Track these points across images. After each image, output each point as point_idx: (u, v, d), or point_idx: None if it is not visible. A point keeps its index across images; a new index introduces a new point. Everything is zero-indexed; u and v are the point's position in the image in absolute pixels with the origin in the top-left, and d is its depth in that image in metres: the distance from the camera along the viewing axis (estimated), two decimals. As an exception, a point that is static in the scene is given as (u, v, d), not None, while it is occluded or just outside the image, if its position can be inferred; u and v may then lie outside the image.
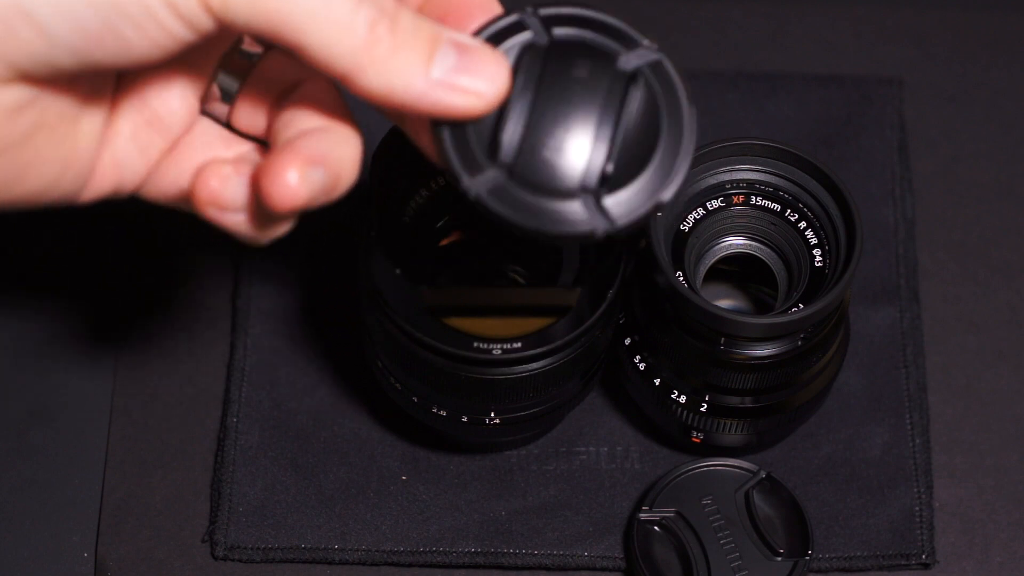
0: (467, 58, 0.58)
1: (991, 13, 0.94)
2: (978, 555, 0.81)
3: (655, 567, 0.78)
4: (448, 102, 0.58)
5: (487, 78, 0.59)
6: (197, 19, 0.56)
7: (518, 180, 0.59)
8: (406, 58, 0.57)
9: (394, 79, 0.57)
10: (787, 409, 0.77)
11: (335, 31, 0.56)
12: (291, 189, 0.59)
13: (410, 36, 0.58)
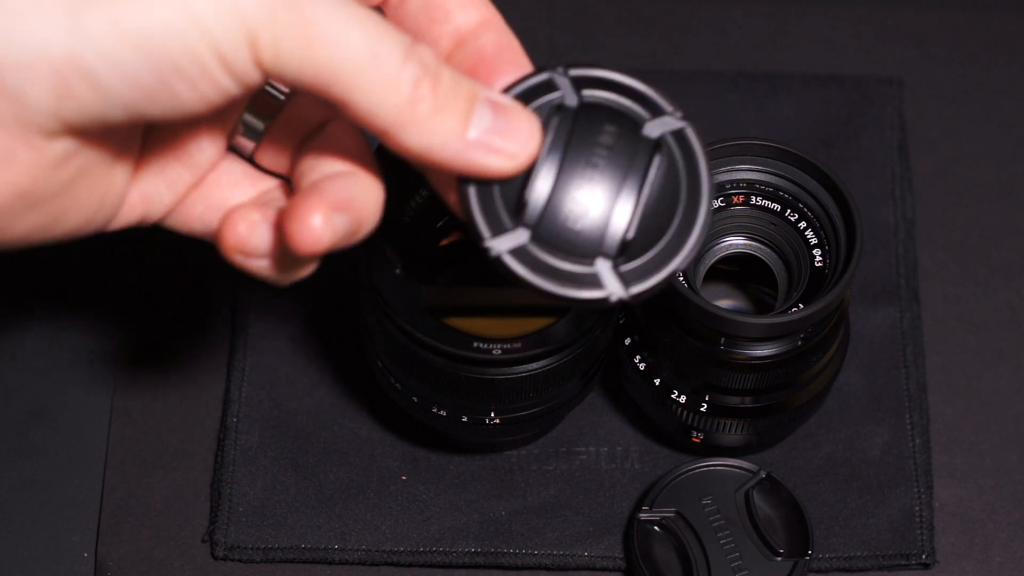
0: (502, 119, 0.59)
1: (991, 13, 0.94)
2: (978, 555, 0.81)
3: (655, 567, 0.78)
4: (482, 163, 0.59)
5: (520, 141, 0.59)
6: (248, 75, 0.56)
7: (540, 241, 0.60)
8: (446, 119, 0.58)
9: (433, 139, 0.58)
10: (787, 409, 0.77)
11: (381, 89, 0.56)
12: (315, 233, 0.59)
13: (451, 95, 0.58)
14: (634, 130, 0.60)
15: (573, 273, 0.60)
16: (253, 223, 0.61)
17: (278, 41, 0.55)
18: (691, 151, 0.61)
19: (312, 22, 0.55)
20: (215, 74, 0.56)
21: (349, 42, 0.56)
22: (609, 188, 0.60)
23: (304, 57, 0.56)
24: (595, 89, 0.61)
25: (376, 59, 0.56)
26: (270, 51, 0.55)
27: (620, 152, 0.60)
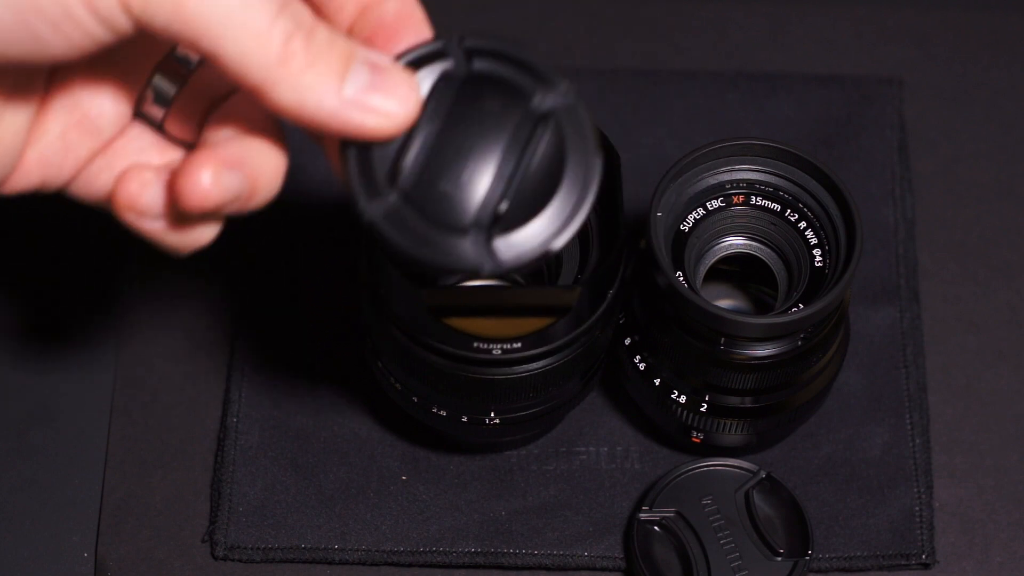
0: (379, 78, 0.58)
1: (991, 13, 0.94)
2: (978, 555, 0.81)
3: (655, 567, 0.78)
4: (358, 121, 0.58)
5: (398, 99, 0.58)
6: (116, 20, 0.56)
7: (414, 207, 0.59)
8: (319, 74, 0.57)
9: (306, 95, 0.57)
10: (787, 409, 0.77)
11: (251, 42, 0.56)
12: (203, 187, 0.58)
13: (325, 52, 0.57)
14: (521, 103, 0.59)
15: (445, 242, 0.59)
16: (146, 181, 0.60)
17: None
18: (582, 128, 0.59)
19: None
20: (79, 17, 0.55)
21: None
22: (487, 158, 0.59)
23: (173, 5, 0.55)
24: (488, 60, 0.60)
25: (246, 10, 0.56)
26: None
27: (503, 123, 0.59)
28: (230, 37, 0.56)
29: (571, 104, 0.60)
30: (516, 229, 0.59)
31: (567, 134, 0.59)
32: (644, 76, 0.91)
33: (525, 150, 0.59)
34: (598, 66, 0.91)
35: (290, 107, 0.57)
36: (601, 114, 0.79)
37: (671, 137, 0.89)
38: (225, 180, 0.59)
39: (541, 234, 0.59)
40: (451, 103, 0.59)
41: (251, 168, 0.60)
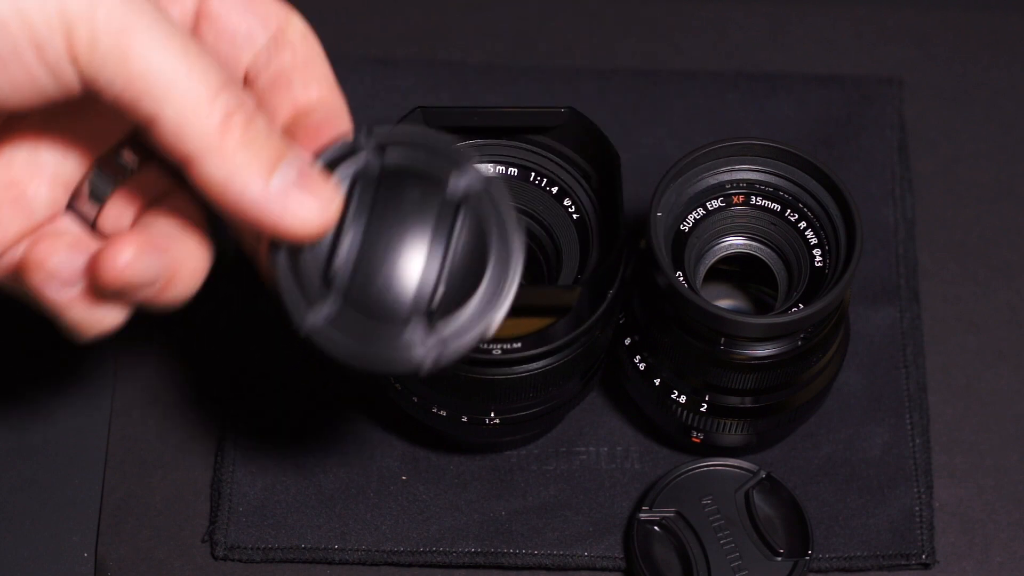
0: (306, 179, 0.59)
1: (991, 13, 0.94)
2: (978, 555, 0.81)
3: (655, 567, 0.78)
4: (277, 215, 0.58)
5: (322, 201, 0.59)
6: (62, 70, 0.56)
7: (354, 308, 0.60)
8: (251, 157, 0.58)
9: (235, 175, 0.57)
10: (787, 409, 0.77)
11: (192, 109, 0.56)
12: (121, 263, 0.59)
13: (261, 139, 0.58)
14: (438, 189, 0.61)
15: (388, 335, 0.60)
16: (59, 247, 0.61)
17: (95, 38, 0.55)
18: (498, 206, 0.61)
19: (133, 27, 0.56)
20: (28, 60, 0.55)
21: (167, 54, 0.56)
22: (416, 251, 0.60)
23: (120, 60, 0.56)
24: (400, 149, 0.61)
25: (192, 77, 0.56)
26: (86, 46, 0.55)
27: (425, 212, 0.60)
28: (172, 101, 0.56)
29: (484, 185, 0.61)
30: (455, 311, 0.60)
31: (485, 214, 0.61)
32: (644, 76, 0.91)
33: (450, 236, 0.60)
34: (598, 66, 0.91)
35: (216, 183, 0.57)
36: (601, 114, 0.78)
37: (671, 137, 0.89)
38: (145, 261, 0.60)
39: (478, 312, 0.61)
40: (371, 201, 0.60)
41: (173, 259, 0.61)
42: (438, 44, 0.92)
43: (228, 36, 0.62)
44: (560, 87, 0.90)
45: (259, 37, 0.63)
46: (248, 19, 0.62)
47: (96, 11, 0.55)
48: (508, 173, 0.76)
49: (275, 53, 0.62)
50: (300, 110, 0.62)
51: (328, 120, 0.62)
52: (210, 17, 0.62)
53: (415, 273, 0.60)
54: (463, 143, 0.75)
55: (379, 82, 0.89)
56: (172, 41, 0.56)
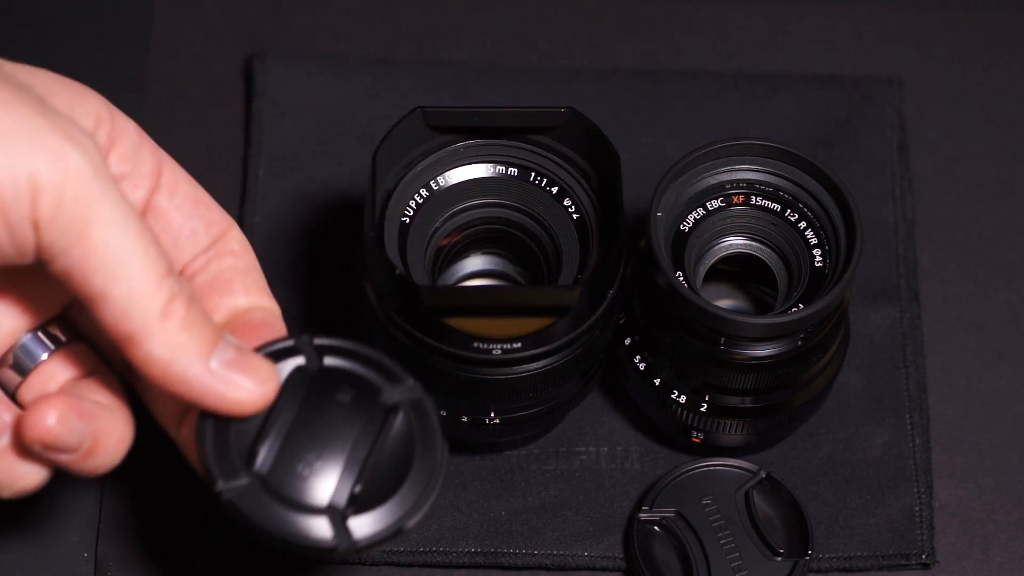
0: (243, 358, 0.61)
1: (991, 13, 0.94)
2: (978, 555, 0.81)
3: (655, 567, 0.78)
4: (218, 392, 0.61)
5: (259, 379, 0.62)
6: (22, 234, 0.57)
7: (270, 491, 0.62)
8: (192, 338, 0.60)
9: (177, 354, 0.60)
10: (787, 409, 0.77)
11: (140, 290, 0.58)
12: (47, 421, 0.60)
13: (199, 322, 0.60)
14: (370, 395, 0.63)
15: (301, 523, 0.62)
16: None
17: (61, 207, 0.57)
18: (428, 419, 0.63)
19: (99, 202, 0.57)
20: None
21: (127, 234, 0.58)
22: (341, 445, 0.62)
23: (81, 232, 0.57)
24: (338, 357, 0.64)
25: (146, 259, 0.58)
26: (49, 213, 0.57)
27: (355, 412, 0.63)
28: (122, 280, 0.58)
29: (417, 398, 0.64)
30: (370, 510, 0.62)
31: (414, 425, 0.63)
32: (644, 76, 0.91)
33: (377, 438, 0.62)
34: (598, 66, 0.91)
35: (158, 362, 0.59)
36: (601, 114, 0.78)
37: (671, 137, 0.89)
38: (71, 424, 0.61)
39: (395, 513, 0.62)
40: (305, 393, 0.63)
41: (98, 427, 0.62)
42: (438, 44, 0.92)
43: (172, 233, 0.65)
44: (560, 87, 0.90)
45: (202, 239, 0.65)
46: (193, 221, 0.65)
47: (66, 181, 0.57)
48: (508, 173, 0.76)
49: (214, 257, 0.65)
50: (237, 313, 0.65)
51: (268, 323, 0.65)
52: (157, 212, 0.64)
53: (336, 467, 0.62)
54: (463, 143, 0.75)
55: (379, 82, 0.89)
56: (131, 223, 0.58)
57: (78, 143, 0.57)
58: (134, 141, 0.63)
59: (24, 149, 0.56)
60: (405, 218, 0.74)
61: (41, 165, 0.56)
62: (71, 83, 0.62)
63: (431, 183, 0.75)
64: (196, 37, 0.91)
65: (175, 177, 0.65)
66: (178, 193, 0.65)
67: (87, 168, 0.57)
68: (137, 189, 0.63)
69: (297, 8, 0.92)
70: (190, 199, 0.65)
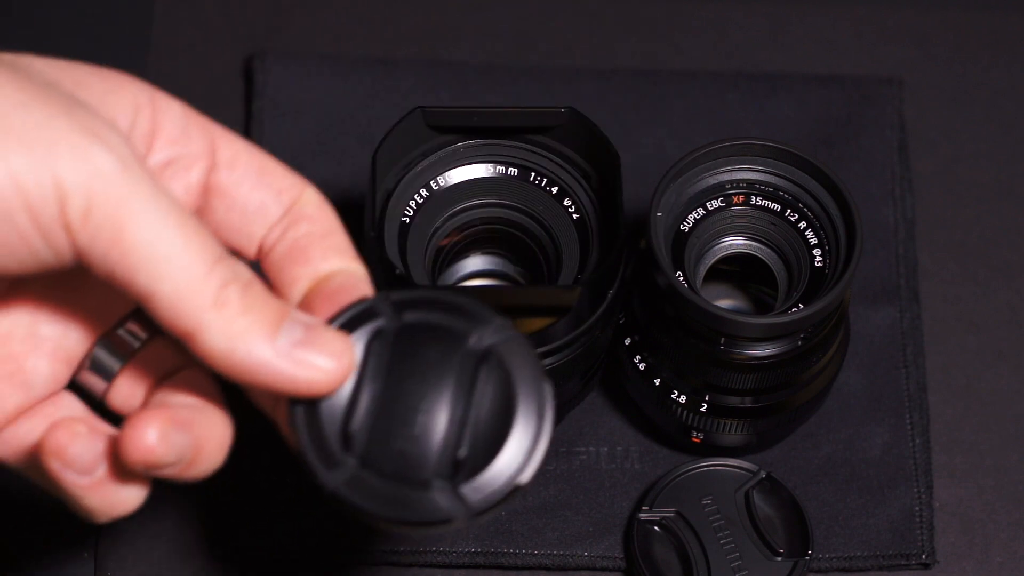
0: (313, 334, 0.57)
1: (991, 13, 0.94)
2: (978, 555, 0.81)
3: (655, 567, 0.78)
4: (290, 374, 0.57)
5: (331, 355, 0.57)
6: (56, 238, 0.55)
7: (373, 471, 0.58)
8: (252, 322, 0.56)
9: (238, 343, 0.56)
10: (787, 409, 0.77)
11: (186, 284, 0.55)
12: (149, 441, 0.57)
13: (259, 304, 0.57)
14: (458, 345, 0.59)
15: (412, 498, 0.58)
16: (78, 432, 0.58)
17: (90, 209, 0.54)
18: (525, 359, 0.58)
19: (130, 199, 0.55)
20: (20, 223, 0.54)
21: (163, 228, 0.55)
22: (438, 407, 0.58)
23: (114, 233, 0.54)
24: (418, 311, 0.59)
25: (189, 252, 0.55)
26: (80, 217, 0.54)
27: (445, 369, 0.58)
28: (167, 277, 0.55)
29: (509, 337, 0.59)
30: (480, 472, 0.58)
31: (512, 367, 0.58)
32: (644, 76, 0.91)
33: (472, 392, 0.58)
34: (598, 66, 0.91)
35: (220, 354, 0.56)
36: (601, 114, 0.78)
37: (671, 137, 0.89)
38: (172, 439, 0.58)
39: (506, 471, 0.58)
40: (389, 359, 0.58)
41: (198, 434, 0.59)
42: (438, 44, 0.92)
43: (239, 209, 0.60)
44: (560, 87, 0.90)
45: (272, 209, 0.61)
46: (260, 192, 0.61)
47: (93, 182, 0.54)
48: (508, 173, 0.76)
49: (290, 225, 0.61)
50: (319, 280, 0.60)
51: (348, 287, 0.60)
52: (219, 190, 0.60)
53: (436, 433, 0.58)
54: (463, 143, 0.75)
55: (379, 82, 0.89)
56: (169, 216, 0.55)
57: (104, 140, 0.55)
58: (180, 122, 0.60)
59: (47, 151, 0.54)
60: (405, 218, 0.74)
61: (65, 167, 0.54)
62: (106, 73, 0.59)
63: (431, 183, 0.75)
64: (196, 37, 0.91)
65: (233, 150, 0.60)
66: (239, 166, 0.60)
67: (115, 165, 0.55)
68: (191, 171, 0.60)
69: (297, 8, 0.92)
70: (253, 170, 0.60)
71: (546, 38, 0.92)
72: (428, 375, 0.58)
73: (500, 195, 0.76)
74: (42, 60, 0.58)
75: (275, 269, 0.60)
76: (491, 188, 0.76)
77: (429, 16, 0.93)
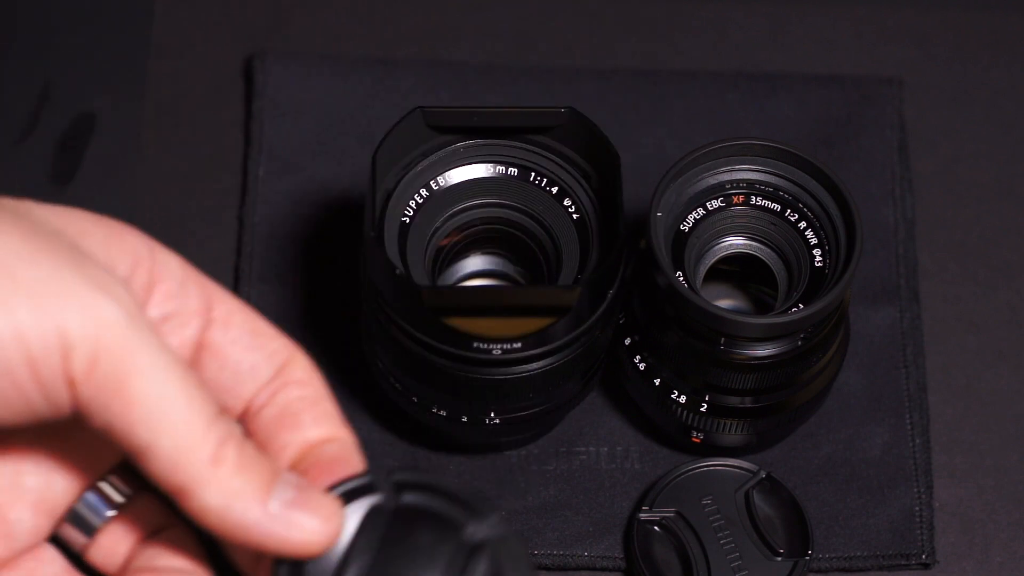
0: (304, 496, 0.58)
1: (991, 13, 0.94)
2: (978, 555, 0.81)
3: (655, 567, 0.78)
4: (281, 535, 0.57)
5: (321, 518, 0.57)
6: (55, 389, 0.55)
7: None
8: (247, 481, 0.56)
9: (233, 501, 0.56)
10: (787, 409, 0.77)
11: (187, 440, 0.55)
12: None
13: (254, 462, 0.57)
14: (453, 535, 0.59)
15: None
16: None
17: (96, 362, 0.54)
18: (517, 558, 0.58)
19: (135, 353, 0.54)
20: (19, 376, 0.54)
21: (167, 383, 0.55)
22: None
23: (118, 386, 0.54)
24: (417, 493, 0.59)
25: (190, 408, 0.55)
26: (84, 369, 0.54)
27: (436, 554, 0.58)
28: (168, 431, 0.55)
29: (504, 534, 0.59)
30: None
31: (503, 566, 0.58)
32: (644, 76, 0.91)
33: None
34: (598, 66, 0.91)
35: (215, 511, 0.56)
36: (601, 114, 0.78)
37: (671, 137, 0.89)
38: None
39: None
40: (382, 535, 0.58)
41: None
42: (438, 44, 0.92)
43: (231, 369, 0.60)
44: (560, 87, 0.90)
45: (263, 371, 0.61)
46: (252, 354, 0.60)
47: (100, 334, 0.54)
48: (508, 173, 0.76)
49: (280, 388, 0.61)
50: (310, 446, 0.61)
51: (343, 457, 0.61)
52: (212, 348, 0.60)
53: None
54: (463, 143, 0.75)
55: (379, 82, 0.89)
56: (172, 370, 0.55)
57: (110, 292, 0.55)
58: (178, 277, 0.60)
59: (53, 303, 0.54)
60: (405, 218, 0.74)
61: (72, 319, 0.54)
62: (106, 221, 0.59)
63: (431, 183, 0.75)
64: (196, 37, 0.91)
65: (228, 309, 0.60)
66: (233, 326, 0.60)
67: (121, 318, 0.54)
68: (186, 327, 0.59)
69: (297, 8, 0.92)
70: (246, 331, 0.60)
71: (546, 38, 0.92)
72: (418, 559, 0.58)
73: (500, 195, 0.76)
74: (42, 207, 0.58)
75: (264, 431, 0.60)
76: (491, 188, 0.76)
77: (429, 16, 0.93)
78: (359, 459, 0.61)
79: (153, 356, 0.55)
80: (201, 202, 0.87)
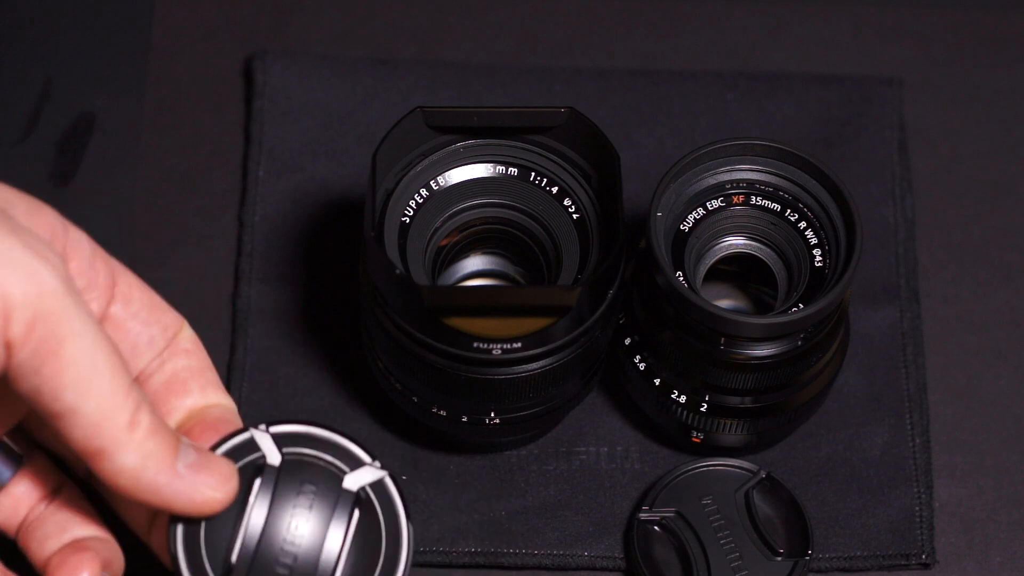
0: (203, 457, 0.62)
1: (991, 13, 0.94)
2: (978, 555, 0.81)
3: (655, 567, 0.78)
4: (186, 495, 0.61)
5: (221, 477, 0.62)
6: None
7: None
8: (157, 446, 0.60)
9: (148, 462, 0.60)
10: (787, 409, 0.77)
11: (110, 403, 0.58)
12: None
13: (162, 428, 0.60)
14: (335, 483, 0.64)
15: None
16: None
17: (34, 324, 0.56)
18: (390, 500, 0.65)
19: (72, 319, 0.57)
20: None
21: (96, 348, 0.58)
22: (313, 540, 0.63)
23: (55, 350, 0.57)
24: (296, 445, 0.64)
25: (114, 374, 0.58)
26: (22, 331, 0.56)
27: (322, 504, 0.64)
28: (94, 395, 0.58)
29: (380, 478, 0.65)
30: None
31: (378, 510, 0.65)
32: (644, 76, 0.91)
33: (347, 530, 0.64)
34: (598, 66, 0.91)
35: (129, 472, 0.60)
36: (601, 114, 0.79)
37: (671, 137, 0.89)
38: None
39: None
40: (270, 491, 0.63)
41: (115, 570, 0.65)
42: (438, 44, 0.92)
43: (131, 341, 0.64)
44: (560, 87, 0.90)
45: (158, 343, 0.65)
46: (150, 328, 0.65)
47: (40, 299, 0.57)
48: (508, 173, 0.76)
49: (168, 358, 0.65)
50: (196, 411, 0.65)
51: (226, 419, 0.65)
52: (114, 322, 0.64)
53: (311, 563, 0.63)
54: (463, 143, 0.75)
55: (379, 82, 0.89)
56: (100, 337, 0.58)
57: (48, 260, 0.57)
58: (87, 254, 0.63)
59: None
60: (405, 218, 0.74)
61: (14, 283, 0.56)
62: (26, 196, 0.62)
63: (431, 183, 0.75)
64: (196, 37, 0.91)
65: (128, 285, 0.64)
66: (133, 301, 0.64)
67: (59, 285, 0.57)
68: (93, 302, 0.63)
69: (297, 8, 0.92)
70: (145, 305, 0.65)
71: (546, 38, 0.92)
72: (305, 510, 0.63)
73: (500, 195, 0.76)
74: None
75: (153, 397, 0.64)
76: (491, 188, 0.76)
77: (429, 16, 0.93)
78: (238, 422, 0.66)
79: (84, 323, 0.58)
80: (201, 202, 0.87)
